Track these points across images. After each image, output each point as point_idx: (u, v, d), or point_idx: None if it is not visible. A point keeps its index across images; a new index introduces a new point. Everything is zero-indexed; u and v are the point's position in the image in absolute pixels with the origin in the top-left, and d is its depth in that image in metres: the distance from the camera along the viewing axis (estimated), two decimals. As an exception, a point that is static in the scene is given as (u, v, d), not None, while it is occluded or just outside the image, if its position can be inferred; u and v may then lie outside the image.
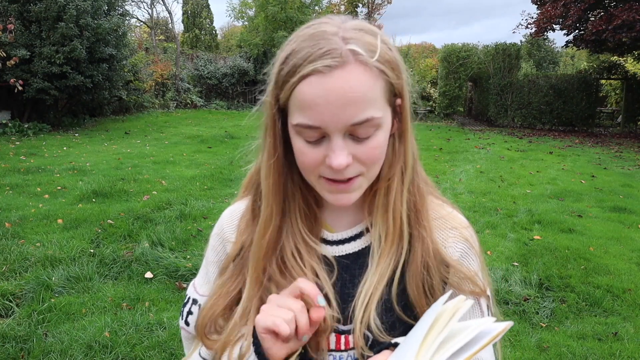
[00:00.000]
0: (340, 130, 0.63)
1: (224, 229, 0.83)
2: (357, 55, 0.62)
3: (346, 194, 0.67)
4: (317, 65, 0.61)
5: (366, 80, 0.62)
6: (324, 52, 0.61)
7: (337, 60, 0.61)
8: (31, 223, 4.47)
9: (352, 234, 0.76)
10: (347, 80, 0.61)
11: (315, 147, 0.65)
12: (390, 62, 0.65)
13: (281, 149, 0.69)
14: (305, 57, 0.62)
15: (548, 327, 3.02)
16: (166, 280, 3.47)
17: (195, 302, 0.84)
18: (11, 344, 2.58)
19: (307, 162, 0.66)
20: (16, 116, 11.31)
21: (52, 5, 10.13)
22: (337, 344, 0.72)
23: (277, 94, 0.66)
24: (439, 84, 18.03)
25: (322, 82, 0.61)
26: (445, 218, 0.77)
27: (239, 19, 23.85)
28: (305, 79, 0.62)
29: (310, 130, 0.63)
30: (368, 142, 0.65)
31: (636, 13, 11.93)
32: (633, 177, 8.04)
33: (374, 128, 0.64)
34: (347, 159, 0.64)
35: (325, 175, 0.66)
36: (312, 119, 0.62)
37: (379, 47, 0.64)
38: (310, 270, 0.72)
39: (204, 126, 12.80)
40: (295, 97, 0.63)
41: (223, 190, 5.91)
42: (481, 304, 0.75)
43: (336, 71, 0.61)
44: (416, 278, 0.70)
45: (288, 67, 0.63)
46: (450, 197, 5.98)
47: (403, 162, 0.72)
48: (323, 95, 0.61)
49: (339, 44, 0.62)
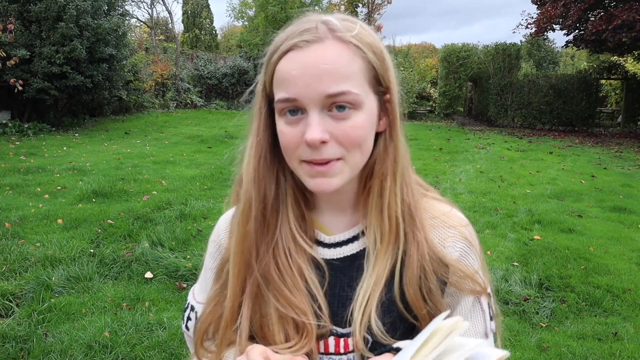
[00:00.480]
0: (315, 103, 0.63)
1: (220, 235, 0.83)
2: (334, 32, 0.64)
3: (326, 178, 0.66)
4: (295, 41, 0.64)
5: (342, 54, 0.64)
6: (303, 30, 0.65)
7: (314, 35, 0.64)
8: (31, 223, 4.47)
9: (349, 236, 0.76)
10: (323, 53, 0.63)
11: (294, 127, 0.65)
12: (371, 46, 0.67)
13: (263, 135, 0.71)
14: (286, 37, 0.66)
15: (548, 327, 3.02)
16: (166, 280, 3.47)
17: (193, 309, 0.85)
18: (11, 344, 2.58)
19: (287, 142, 0.66)
20: (16, 116, 11.31)
21: (52, 5, 10.13)
22: (336, 347, 0.71)
23: (264, 80, 0.69)
24: (439, 84, 18.03)
25: (298, 55, 0.64)
26: (444, 217, 0.77)
27: (239, 19, 23.87)
28: (285, 56, 0.65)
29: (287, 104, 0.65)
30: (346, 121, 0.65)
31: (636, 13, 11.93)
32: (633, 177, 8.04)
33: (352, 106, 0.64)
34: (323, 134, 0.64)
35: (304, 157, 0.66)
36: (288, 91, 0.64)
37: (357, 28, 0.66)
38: (298, 270, 0.72)
39: (204, 126, 12.80)
40: (276, 75, 0.66)
41: (223, 190, 5.91)
42: (482, 302, 0.75)
43: (313, 45, 0.63)
44: (413, 282, 0.70)
45: (273, 48, 0.67)
46: (450, 197, 5.98)
47: (394, 159, 0.71)
48: (299, 67, 0.63)
49: (318, 24, 0.65)
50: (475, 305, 0.75)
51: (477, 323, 0.74)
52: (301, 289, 0.71)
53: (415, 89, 17.77)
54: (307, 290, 0.71)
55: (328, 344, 0.71)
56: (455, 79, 17.00)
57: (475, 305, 0.75)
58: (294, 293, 0.70)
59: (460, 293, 0.73)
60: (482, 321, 0.75)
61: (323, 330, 0.71)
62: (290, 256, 0.72)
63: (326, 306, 0.71)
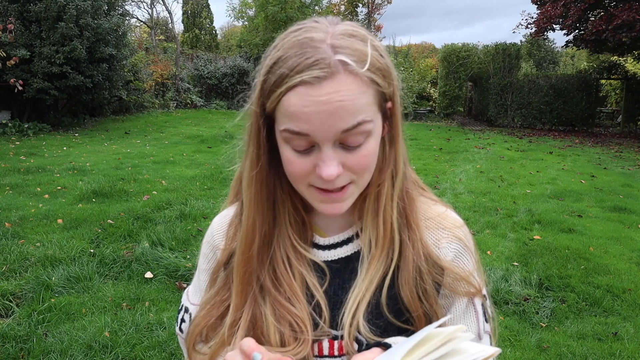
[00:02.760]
0: (330, 139, 0.61)
1: (214, 236, 0.82)
2: (346, 65, 0.60)
3: (338, 203, 0.66)
4: (304, 77, 0.59)
5: (356, 89, 0.60)
6: (312, 63, 0.59)
7: (325, 71, 0.59)
8: (31, 223, 4.47)
9: (343, 238, 0.75)
10: (337, 91, 0.59)
11: (305, 157, 0.63)
12: (382, 70, 0.63)
13: (265, 160, 0.68)
14: (293, 67, 0.60)
15: (548, 327, 3.02)
16: (166, 280, 3.47)
17: (187, 311, 0.84)
18: (11, 344, 2.58)
19: (296, 172, 0.64)
20: (16, 116, 11.30)
21: (52, 5, 10.12)
22: (330, 349, 0.71)
23: (263, 102, 0.64)
24: (439, 84, 18.03)
25: (310, 93, 0.59)
26: (438, 218, 0.76)
27: (239, 19, 23.90)
28: (293, 90, 0.60)
29: (298, 138, 0.62)
30: (359, 150, 0.63)
31: (636, 13, 11.93)
32: (633, 177, 8.04)
33: (365, 135, 0.63)
34: (338, 168, 0.62)
35: (315, 185, 0.65)
36: (300, 126, 0.61)
37: (369, 55, 0.61)
38: (299, 277, 0.71)
39: (204, 126, 12.80)
40: (283, 106, 0.61)
41: (223, 190, 5.90)
42: (475, 304, 0.75)
43: (325, 82, 0.59)
44: (409, 283, 0.70)
45: (275, 76, 0.61)
46: (451, 197, 5.99)
47: (394, 166, 0.71)
48: (311, 106, 0.59)
49: (327, 53, 0.59)
50: (469, 306, 0.75)
51: (471, 324, 0.75)
52: (300, 297, 0.70)
53: (415, 89, 17.76)
54: (309, 295, 0.71)
55: (322, 347, 0.71)
56: (455, 79, 17.00)
57: (469, 307, 0.75)
58: (292, 301, 0.70)
59: (455, 295, 0.73)
60: (476, 322, 0.75)
61: (321, 332, 0.71)
62: (290, 265, 0.72)
63: (327, 309, 0.71)
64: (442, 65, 17.54)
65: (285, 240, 0.72)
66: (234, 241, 0.77)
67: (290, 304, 0.70)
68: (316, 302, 0.71)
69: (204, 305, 0.77)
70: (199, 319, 0.76)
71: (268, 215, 0.71)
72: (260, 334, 0.70)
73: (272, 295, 0.71)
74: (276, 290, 0.71)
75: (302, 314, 0.70)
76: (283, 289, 0.71)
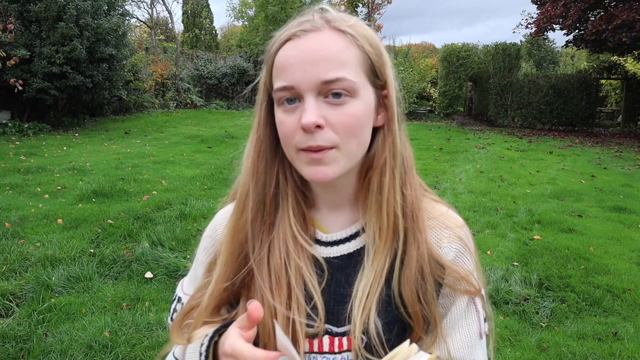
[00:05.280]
0: (312, 88, 0.65)
1: (217, 231, 0.82)
2: (330, 22, 0.67)
3: (321, 166, 0.66)
4: (293, 30, 0.67)
5: (339, 42, 0.66)
6: (301, 22, 0.68)
7: (312, 25, 0.67)
8: (31, 223, 4.47)
9: (347, 235, 0.75)
10: (319, 40, 0.65)
11: (292, 114, 0.67)
12: (367, 38, 0.69)
13: (264, 132, 0.72)
14: (285, 29, 0.68)
15: (548, 327, 3.02)
16: (166, 280, 3.47)
17: (180, 301, 0.85)
18: (11, 344, 2.58)
19: (285, 130, 0.67)
20: (16, 116, 11.30)
21: (52, 5, 10.12)
22: (330, 346, 0.71)
23: (265, 73, 0.71)
24: (439, 84, 18.02)
25: (296, 44, 0.66)
26: (440, 217, 0.77)
27: (239, 19, 23.89)
28: (283, 45, 0.67)
29: (285, 92, 0.66)
30: (342, 108, 0.66)
31: (636, 13, 11.93)
32: (633, 177, 8.04)
33: (348, 93, 0.66)
34: (318, 118, 0.64)
35: (300, 145, 0.66)
36: (286, 79, 0.65)
37: (353, 20, 0.69)
38: (296, 271, 0.71)
39: (204, 126, 12.80)
40: (275, 65, 0.68)
41: (223, 190, 5.89)
42: (476, 303, 0.75)
43: (310, 34, 0.66)
44: (410, 283, 0.70)
45: (272, 42, 0.70)
46: (450, 197, 5.99)
47: (392, 154, 0.71)
48: (296, 54, 0.65)
49: (315, 16, 0.68)
50: (470, 306, 0.75)
51: (472, 324, 0.75)
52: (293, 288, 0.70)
53: (415, 89, 17.74)
54: (304, 290, 0.71)
55: (322, 343, 0.71)
56: (455, 78, 16.99)
57: (469, 306, 0.75)
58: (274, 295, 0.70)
59: (455, 294, 0.74)
60: (477, 322, 0.75)
61: (317, 330, 0.70)
62: (287, 256, 0.72)
63: (322, 306, 0.70)
64: (442, 65, 17.53)
65: (286, 230, 0.73)
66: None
67: (271, 297, 0.69)
68: (311, 298, 0.71)
69: (195, 292, 0.78)
70: (189, 303, 0.77)
71: (266, 190, 0.72)
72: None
73: (257, 283, 0.71)
74: (261, 278, 0.71)
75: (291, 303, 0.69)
76: (270, 280, 0.70)
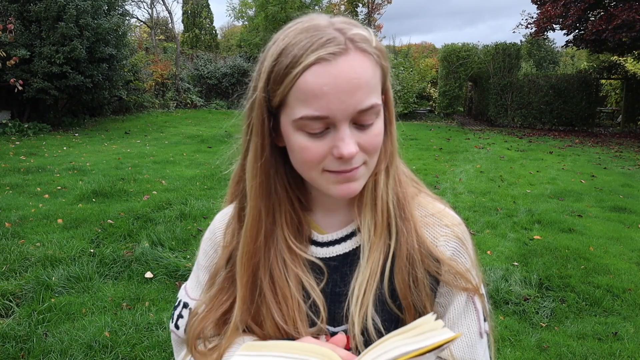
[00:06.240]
0: (347, 118, 0.63)
1: (216, 233, 0.82)
2: (356, 43, 0.62)
3: (352, 182, 0.67)
4: (321, 53, 0.60)
5: (368, 67, 0.63)
6: (326, 41, 0.61)
7: (340, 47, 0.61)
8: (31, 223, 4.47)
9: (343, 235, 0.75)
10: (353, 67, 0.61)
11: (320, 140, 0.64)
12: (383, 52, 0.67)
13: (269, 150, 0.68)
14: (306, 48, 0.61)
15: (548, 327, 3.02)
16: (166, 280, 3.47)
17: (186, 306, 0.84)
18: (11, 344, 2.58)
19: (311, 157, 0.65)
20: (16, 116, 11.30)
21: (52, 5, 10.12)
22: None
23: (272, 89, 0.64)
24: (439, 84, 18.01)
25: (328, 70, 0.60)
26: (437, 216, 0.77)
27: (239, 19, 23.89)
28: (310, 69, 0.60)
29: (316, 122, 0.62)
30: (370, 129, 0.65)
31: (636, 13, 11.92)
32: (633, 177, 8.04)
33: (376, 115, 0.65)
34: (356, 147, 0.64)
35: (330, 168, 0.65)
36: (318, 108, 0.61)
37: (372, 36, 0.66)
38: (295, 279, 0.71)
39: (204, 126, 12.80)
40: (298, 89, 0.61)
41: (223, 190, 5.88)
42: (475, 302, 0.75)
43: (341, 58, 0.61)
44: (402, 272, 0.70)
45: (287, 59, 0.61)
46: (450, 197, 5.99)
47: (391, 154, 0.73)
48: (330, 82, 0.60)
49: (336, 34, 0.62)
50: (469, 304, 0.74)
51: (471, 323, 0.74)
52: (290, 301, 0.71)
53: (415, 88, 17.73)
54: (305, 295, 0.71)
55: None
56: (455, 78, 16.98)
57: (468, 305, 0.74)
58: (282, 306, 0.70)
59: (453, 292, 0.73)
60: (477, 321, 0.75)
61: (317, 330, 0.71)
62: (286, 267, 0.72)
63: (324, 308, 0.71)
64: (442, 65, 17.52)
65: (280, 242, 0.72)
66: (232, 243, 0.76)
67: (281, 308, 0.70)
68: (313, 302, 0.71)
69: (202, 307, 0.77)
70: (197, 322, 0.75)
71: (271, 208, 0.72)
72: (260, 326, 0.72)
73: (268, 298, 0.71)
74: (273, 293, 0.71)
75: (296, 315, 0.70)
76: (276, 293, 0.71)
